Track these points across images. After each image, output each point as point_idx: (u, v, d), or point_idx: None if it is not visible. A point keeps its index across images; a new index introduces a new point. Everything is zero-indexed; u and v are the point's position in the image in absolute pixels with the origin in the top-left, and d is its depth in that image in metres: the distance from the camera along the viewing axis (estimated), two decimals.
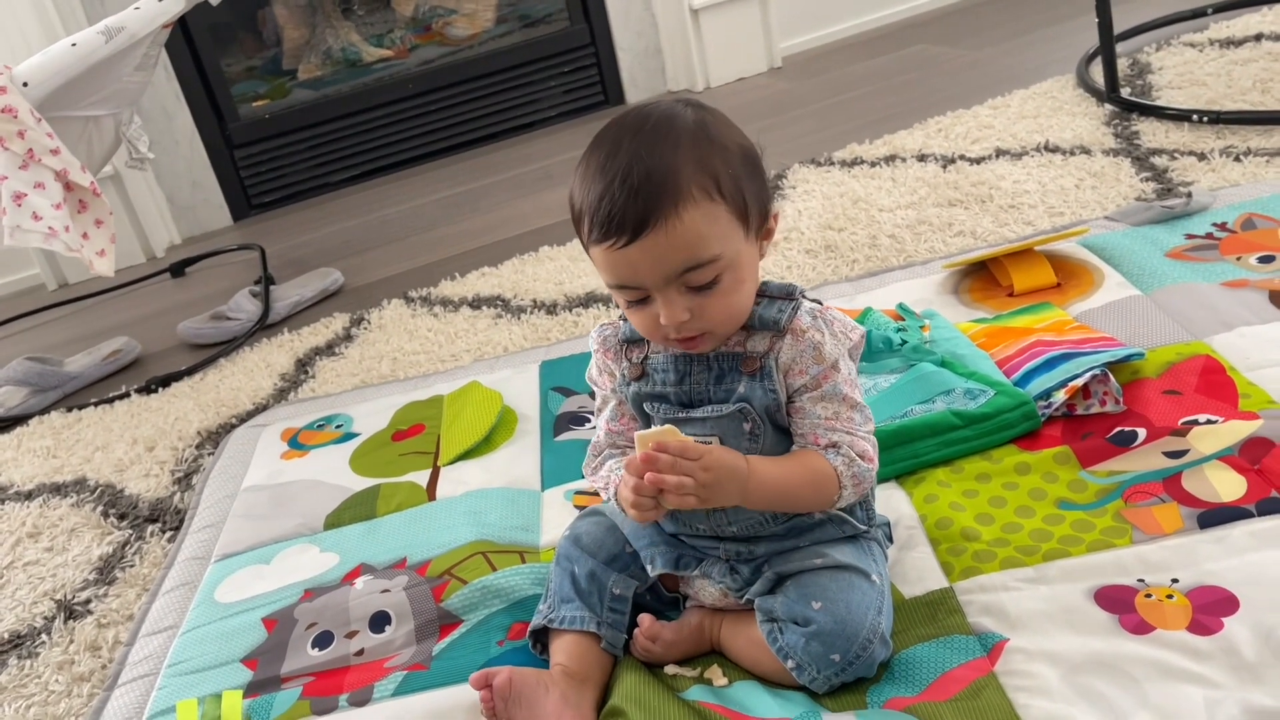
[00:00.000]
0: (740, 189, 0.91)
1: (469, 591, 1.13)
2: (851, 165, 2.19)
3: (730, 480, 0.90)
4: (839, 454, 0.95)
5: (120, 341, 2.12)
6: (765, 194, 0.95)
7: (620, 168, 0.88)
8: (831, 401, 0.96)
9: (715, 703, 0.95)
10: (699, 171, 0.88)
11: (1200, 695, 0.85)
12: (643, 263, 0.88)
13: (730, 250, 0.90)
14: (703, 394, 0.97)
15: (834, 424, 0.95)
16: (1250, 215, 1.56)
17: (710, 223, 0.88)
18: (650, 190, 0.86)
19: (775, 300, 0.97)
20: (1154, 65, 2.33)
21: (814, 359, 0.95)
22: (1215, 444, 1.11)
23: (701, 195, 0.88)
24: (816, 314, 0.97)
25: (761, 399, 0.95)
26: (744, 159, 0.92)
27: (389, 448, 1.49)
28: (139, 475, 1.63)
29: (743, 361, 0.96)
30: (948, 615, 1.00)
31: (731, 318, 0.94)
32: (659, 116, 0.91)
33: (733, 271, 0.91)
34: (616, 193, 0.87)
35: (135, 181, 2.70)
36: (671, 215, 0.87)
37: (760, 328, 0.96)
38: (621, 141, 0.89)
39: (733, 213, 0.90)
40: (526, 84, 3.07)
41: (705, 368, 0.97)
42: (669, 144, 0.88)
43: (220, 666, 1.12)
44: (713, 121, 0.93)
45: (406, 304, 2.05)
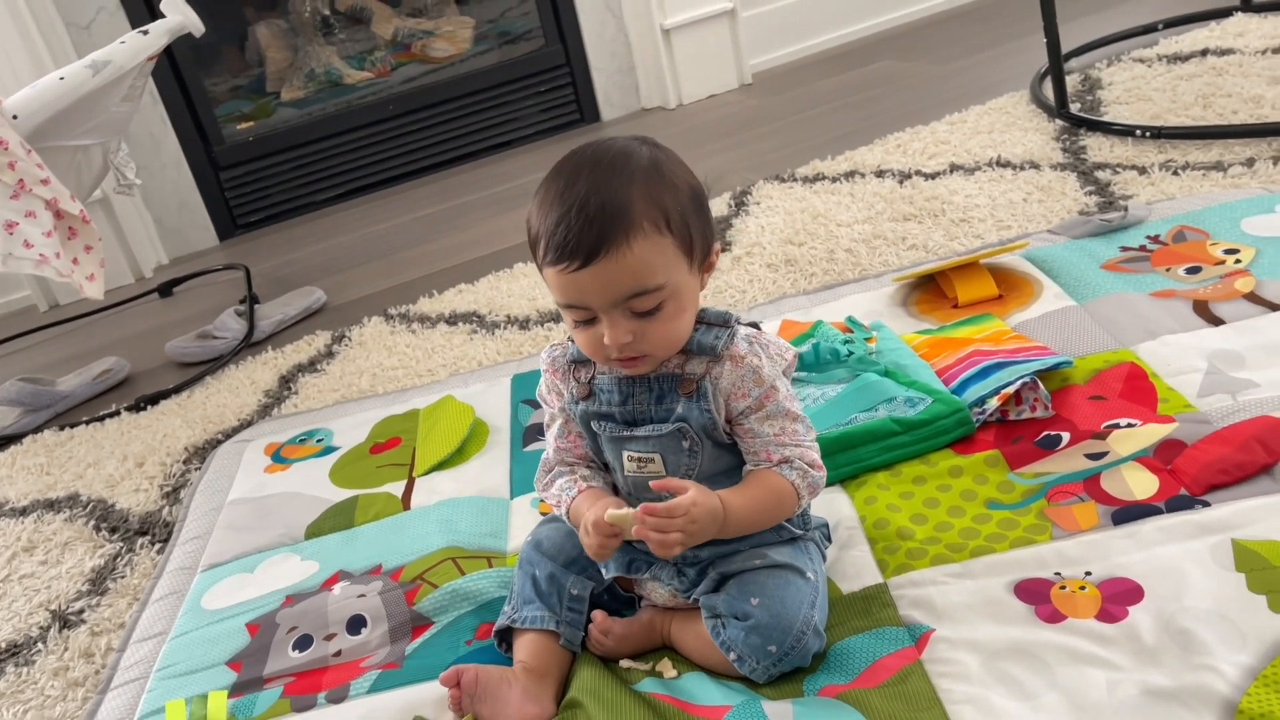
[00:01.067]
0: (687, 225, 0.98)
1: (439, 595, 1.20)
2: (813, 181, 2.27)
3: (710, 523, 0.99)
4: (793, 468, 1.03)
5: (110, 361, 2.19)
6: (709, 230, 1.03)
7: (578, 197, 0.95)
8: (777, 419, 1.04)
9: (665, 693, 1.02)
10: (650, 206, 0.95)
11: (1103, 677, 0.93)
12: (592, 286, 0.96)
13: (674, 280, 0.98)
14: (644, 413, 1.04)
15: (783, 439, 1.04)
16: (1182, 228, 1.64)
17: (657, 254, 0.96)
18: (605, 220, 0.94)
19: (712, 327, 1.04)
20: (1104, 81, 2.42)
21: (754, 382, 1.03)
22: (1132, 446, 1.19)
23: (651, 228, 0.95)
24: (752, 339, 1.05)
25: (698, 419, 1.03)
26: (692, 197, 1.00)
27: (367, 460, 1.57)
28: (129, 490, 1.71)
29: (680, 383, 1.03)
30: (880, 609, 1.07)
31: (670, 343, 1.01)
32: (616, 153, 0.99)
33: (675, 300, 0.98)
34: (573, 220, 0.94)
35: (124, 204, 2.77)
36: (623, 244, 0.94)
37: (698, 352, 1.03)
38: (580, 172, 0.97)
39: (679, 246, 0.98)
40: (504, 104, 3.15)
41: (646, 389, 1.04)
42: (624, 178, 0.96)
43: (206, 669, 1.19)
44: (665, 161, 1.00)
45: (386, 321, 2.12)
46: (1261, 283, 1.45)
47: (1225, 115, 2.09)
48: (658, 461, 1.04)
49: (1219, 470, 1.12)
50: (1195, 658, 0.92)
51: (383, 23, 3.20)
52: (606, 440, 1.07)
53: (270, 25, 3.11)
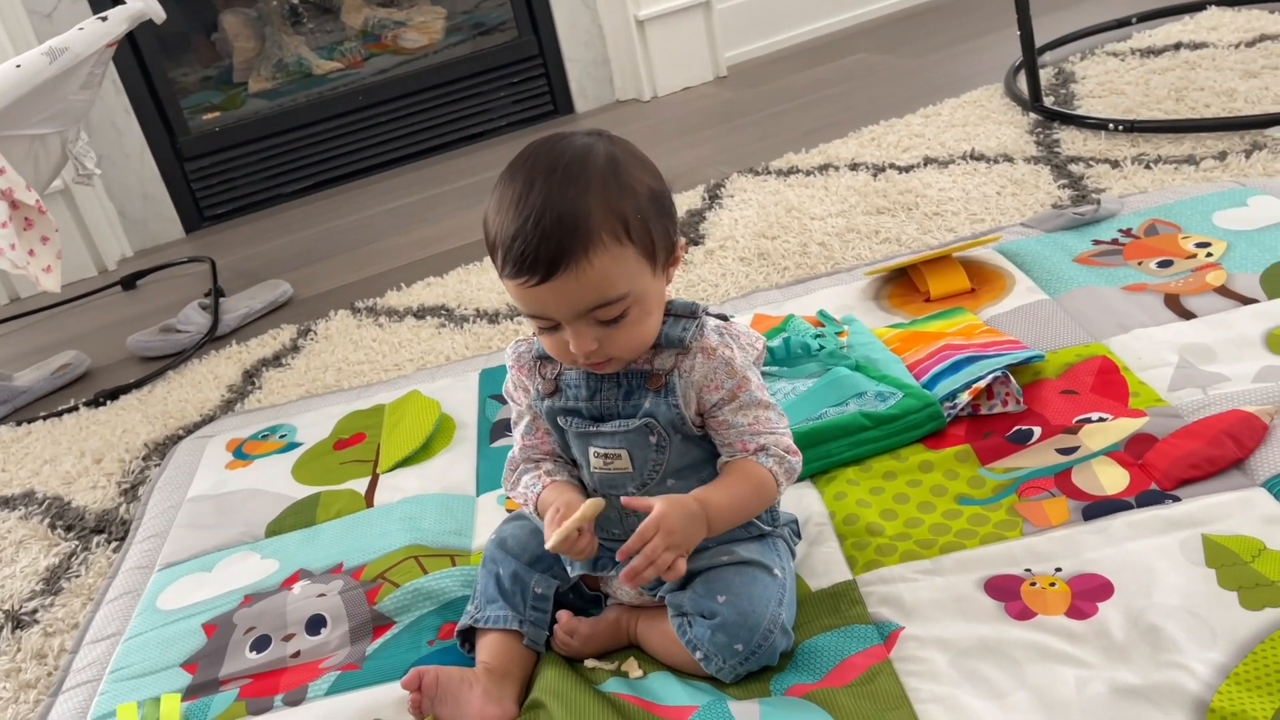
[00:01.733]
0: (648, 229, 0.95)
1: (401, 594, 1.18)
2: (787, 174, 2.26)
3: (691, 525, 0.96)
4: (769, 455, 1.01)
5: (69, 355, 2.15)
6: (672, 229, 0.99)
7: (533, 209, 0.91)
8: (751, 408, 1.02)
9: (630, 694, 1.00)
10: (608, 215, 0.92)
11: (1072, 675, 0.92)
12: (552, 300, 0.93)
13: (637, 288, 0.95)
14: (612, 409, 1.02)
15: (757, 428, 1.02)
16: (1154, 221, 1.64)
17: (618, 265, 0.92)
18: (561, 235, 0.90)
19: (679, 319, 1.01)
20: (1078, 74, 2.41)
21: (727, 374, 1.00)
22: (1103, 440, 1.18)
23: (610, 239, 0.92)
24: (722, 330, 1.03)
25: (665, 414, 1.00)
26: (652, 199, 0.96)
27: (330, 456, 1.54)
28: (86, 487, 1.67)
29: (649, 379, 1.01)
30: (849, 606, 1.06)
31: (637, 346, 0.99)
32: (572, 155, 0.94)
33: (639, 306, 0.96)
34: (529, 234, 0.90)
35: (86, 195, 2.72)
36: (581, 259, 0.90)
37: (666, 345, 1.01)
38: (535, 180, 0.92)
39: (640, 253, 0.94)
40: (476, 95, 3.12)
41: (614, 385, 1.02)
42: (580, 187, 0.91)
43: (161, 671, 1.16)
44: (624, 161, 0.96)
45: (353, 315, 2.09)
46: (1232, 276, 1.44)
47: (1198, 109, 2.08)
48: (625, 458, 1.02)
49: (1190, 465, 1.11)
50: (1165, 655, 0.91)
51: (353, 12, 3.16)
52: (573, 436, 1.04)
53: (238, 14, 3.06)
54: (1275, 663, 0.88)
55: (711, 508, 0.98)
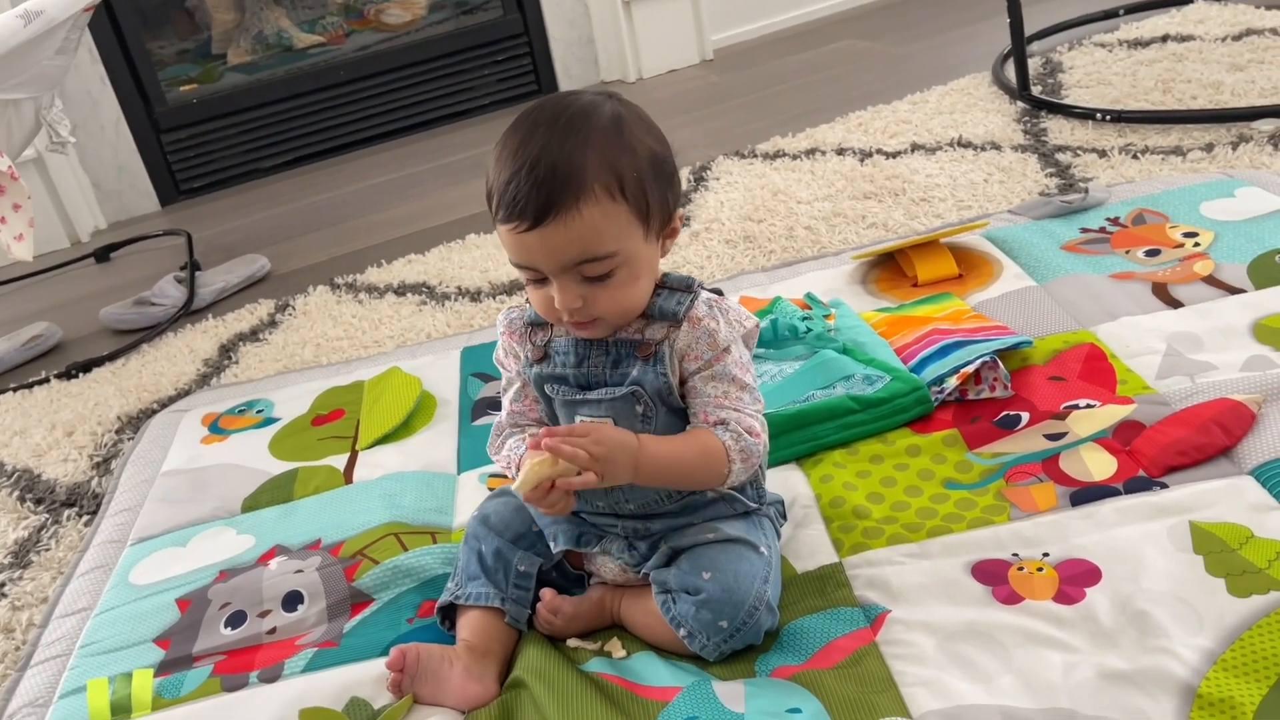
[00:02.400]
0: (644, 191, 0.94)
1: (380, 571, 1.16)
2: (774, 158, 2.24)
3: (621, 453, 0.94)
4: (727, 430, 0.98)
5: (41, 327, 2.11)
6: (670, 197, 0.98)
7: (530, 156, 0.91)
8: (721, 381, 1.00)
9: (613, 674, 0.99)
10: (604, 170, 0.91)
11: (1059, 659, 0.91)
12: (540, 249, 0.92)
13: (627, 248, 0.94)
14: (599, 377, 1.01)
15: (723, 402, 0.99)
16: (1141, 211, 1.63)
17: (609, 221, 0.92)
18: (554, 183, 0.90)
19: (674, 292, 1.00)
20: (1065, 64, 2.41)
21: (708, 344, 0.99)
22: (1091, 427, 1.17)
23: (603, 194, 0.91)
24: (712, 304, 1.01)
25: (653, 382, 0.99)
26: (652, 162, 0.95)
27: (308, 432, 1.51)
28: (57, 460, 1.63)
29: (639, 348, 1.00)
30: (835, 588, 1.05)
31: (623, 310, 0.97)
32: (576, 109, 0.94)
33: (628, 268, 0.94)
34: (523, 180, 0.90)
35: (59, 166, 2.67)
36: (571, 209, 0.90)
37: (659, 318, 1.00)
38: (537, 129, 0.92)
39: (633, 213, 0.93)
40: (459, 72, 3.08)
41: (604, 353, 1.01)
42: (579, 139, 0.91)
43: (132, 646, 1.14)
44: (629, 121, 0.95)
45: (332, 290, 2.06)
46: (1220, 266, 1.44)
47: (1185, 101, 2.09)
48: (611, 425, 1.00)
49: (1177, 452, 1.10)
50: (1152, 640, 0.91)
51: None
52: (560, 404, 1.03)
53: None
54: (1263, 649, 0.88)
55: (646, 452, 0.95)
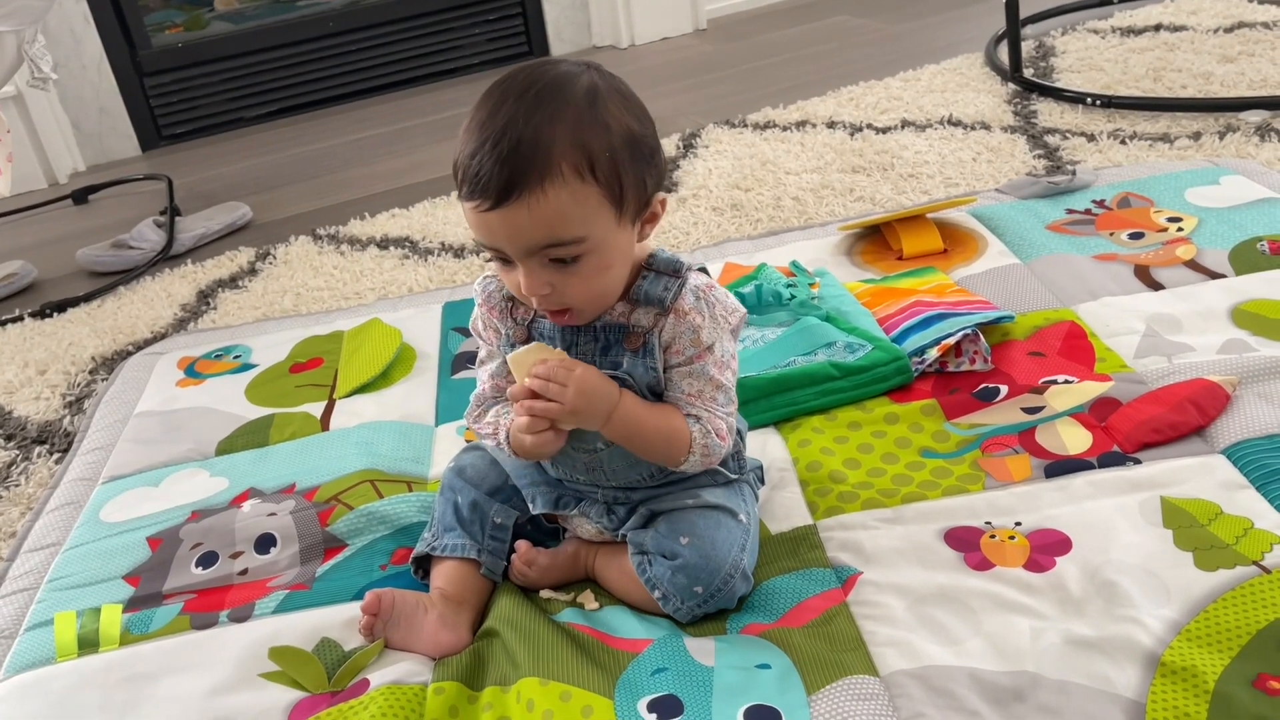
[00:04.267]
0: (617, 172, 0.87)
1: (355, 517, 1.16)
2: (764, 129, 2.23)
3: (600, 401, 0.92)
4: (698, 423, 0.97)
5: (16, 265, 2.08)
6: (648, 179, 0.92)
7: (495, 129, 0.85)
8: (698, 379, 0.97)
9: (585, 624, 0.99)
10: (573, 149, 0.85)
11: (1027, 625, 0.92)
12: (503, 230, 0.86)
13: (597, 234, 0.88)
14: (589, 364, 0.97)
15: (695, 401, 0.98)
16: (1127, 194, 1.64)
17: (577, 203, 0.86)
18: (518, 160, 0.84)
19: (661, 276, 0.96)
20: (1058, 49, 2.41)
21: (691, 342, 0.96)
22: (1068, 402, 1.18)
23: (572, 174, 0.85)
24: (700, 294, 0.97)
25: (643, 375, 0.97)
26: (628, 140, 0.88)
27: (286, 379, 1.50)
28: (29, 398, 1.62)
29: (627, 337, 0.97)
30: (809, 550, 1.05)
31: (594, 299, 0.93)
32: (549, 80, 0.87)
33: (598, 255, 0.89)
34: (486, 155, 0.84)
35: (39, 105, 2.62)
36: (536, 189, 0.84)
37: (646, 303, 0.96)
38: (505, 100, 0.86)
39: (605, 196, 0.87)
40: (449, 30, 3.05)
41: (591, 338, 0.97)
42: (548, 114, 0.85)
43: (101, 583, 1.13)
44: (606, 95, 0.89)
45: (314, 241, 2.04)
46: (1202, 251, 1.45)
47: (1174, 89, 2.09)
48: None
49: (1152, 429, 1.11)
50: (1119, 610, 0.92)
51: None
52: None
53: None
54: (1227, 622, 0.89)
55: (624, 408, 0.94)
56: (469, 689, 0.93)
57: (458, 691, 0.92)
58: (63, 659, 1.03)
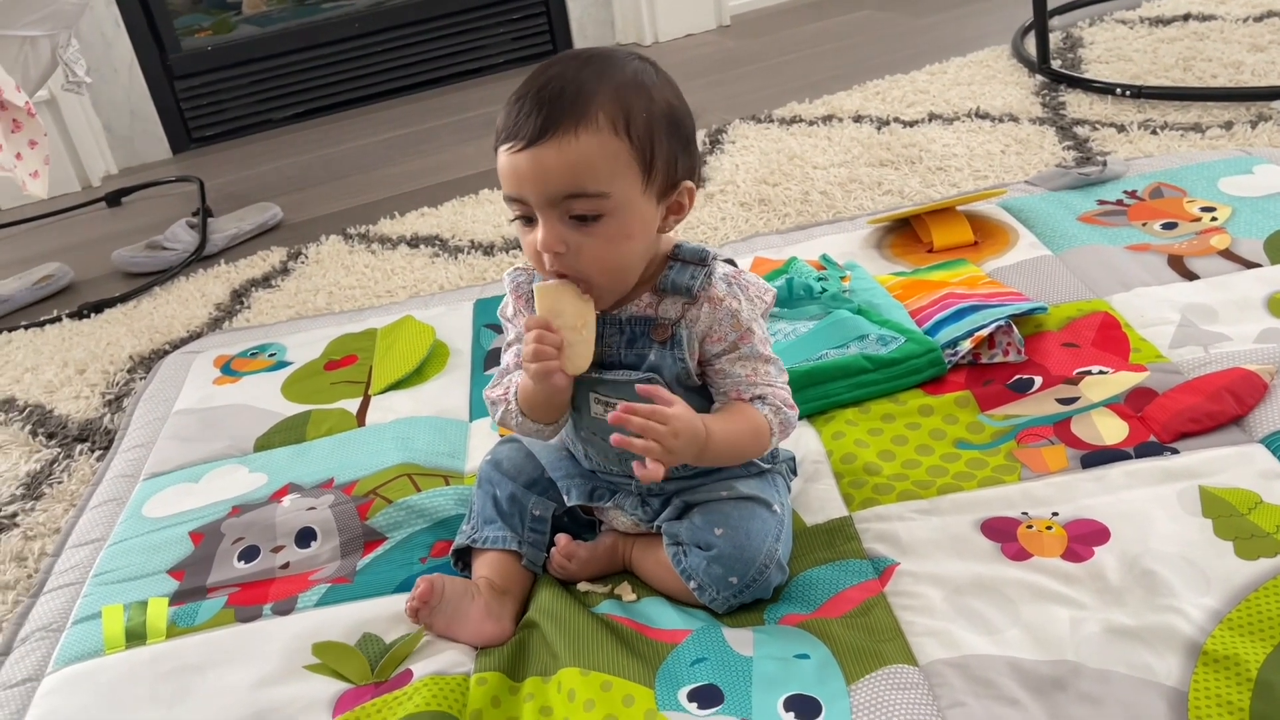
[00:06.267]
0: (650, 138, 0.90)
1: (393, 510, 1.17)
2: (790, 123, 2.23)
3: (691, 442, 0.93)
4: (766, 404, 0.99)
5: (53, 267, 2.11)
6: (681, 160, 0.93)
7: (545, 78, 0.90)
8: (750, 360, 0.99)
9: (623, 616, 1.00)
10: (612, 103, 0.88)
11: (1067, 615, 0.92)
12: (530, 174, 0.88)
13: (621, 194, 0.89)
14: (614, 356, 0.98)
15: (754, 379, 0.99)
16: (1160, 185, 1.63)
17: (606, 157, 0.88)
18: (559, 104, 0.87)
19: (688, 265, 0.97)
20: (1086, 39, 2.40)
21: (731, 326, 0.97)
22: (1104, 392, 1.18)
23: (606, 125, 0.88)
24: (731, 279, 0.98)
25: (671, 368, 0.97)
26: (667, 115, 0.91)
27: (321, 376, 1.52)
28: (69, 397, 1.64)
29: (654, 328, 0.97)
30: (845, 541, 1.06)
31: (610, 270, 0.93)
32: (603, 53, 0.93)
33: (619, 218, 0.90)
34: (529, 99, 0.89)
35: (72, 109, 2.66)
36: (569, 132, 0.87)
37: (673, 292, 0.97)
38: (558, 62, 0.92)
39: (634, 157, 0.89)
40: (474, 29, 3.06)
41: (617, 330, 0.98)
42: (595, 71, 0.90)
43: (146, 577, 1.15)
44: (653, 74, 0.93)
45: (344, 240, 2.06)
46: (1236, 240, 1.44)
47: (1205, 79, 2.08)
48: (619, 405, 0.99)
49: (1189, 419, 1.11)
50: (1159, 599, 0.92)
51: None
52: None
53: None
54: (1269, 610, 0.89)
55: (712, 437, 0.95)
56: (511, 679, 0.94)
57: (500, 682, 0.93)
58: (111, 651, 1.05)
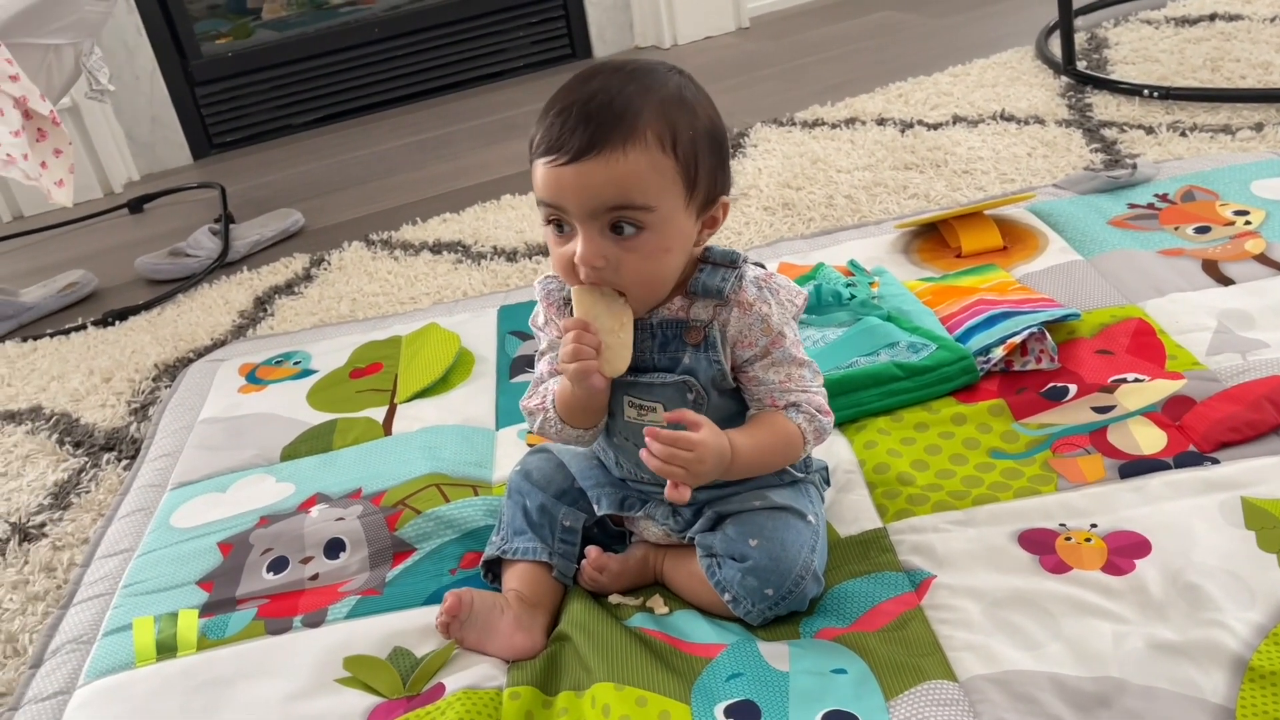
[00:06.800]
0: (695, 155, 0.90)
1: (422, 521, 1.16)
2: (812, 126, 2.22)
3: (716, 465, 0.92)
4: (800, 412, 0.98)
5: (77, 274, 2.11)
6: (719, 176, 0.94)
7: (586, 93, 0.88)
8: (783, 365, 0.98)
9: (656, 629, 0.99)
10: (660, 120, 0.88)
11: (1109, 629, 0.91)
12: (574, 187, 0.88)
13: (664, 209, 0.89)
14: (647, 360, 0.97)
15: (789, 385, 0.98)
16: (1191, 188, 1.61)
17: (654, 173, 0.88)
18: (606, 119, 0.87)
19: (719, 268, 0.96)
20: (1111, 40, 2.38)
21: (762, 331, 0.96)
22: (1140, 401, 1.16)
23: (655, 142, 0.87)
24: (761, 283, 0.97)
25: (706, 370, 0.97)
26: (709, 132, 0.92)
27: (346, 384, 1.51)
28: (95, 405, 1.64)
29: (687, 331, 0.96)
30: (879, 553, 1.04)
31: (647, 284, 0.93)
32: (643, 67, 0.92)
33: (659, 233, 0.90)
34: (575, 112, 0.87)
35: (94, 116, 2.66)
36: (618, 149, 0.86)
37: (703, 295, 0.96)
38: (598, 74, 0.91)
39: (679, 173, 0.89)
40: (493, 33, 3.06)
41: (649, 334, 0.97)
42: (641, 87, 0.89)
43: (176, 588, 1.14)
44: (693, 90, 0.93)
45: (367, 246, 2.06)
46: (1272, 245, 1.42)
47: (1234, 80, 2.06)
48: (660, 411, 0.98)
49: (1229, 428, 1.09)
50: (1204, 613, 0.90)
51: None
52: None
53: None
54: None
55: (737, 454, 0.94)
56: (544, 693, 0.93)
57: (533, 696, 0.93)
58: (142, 664, 1.04)
